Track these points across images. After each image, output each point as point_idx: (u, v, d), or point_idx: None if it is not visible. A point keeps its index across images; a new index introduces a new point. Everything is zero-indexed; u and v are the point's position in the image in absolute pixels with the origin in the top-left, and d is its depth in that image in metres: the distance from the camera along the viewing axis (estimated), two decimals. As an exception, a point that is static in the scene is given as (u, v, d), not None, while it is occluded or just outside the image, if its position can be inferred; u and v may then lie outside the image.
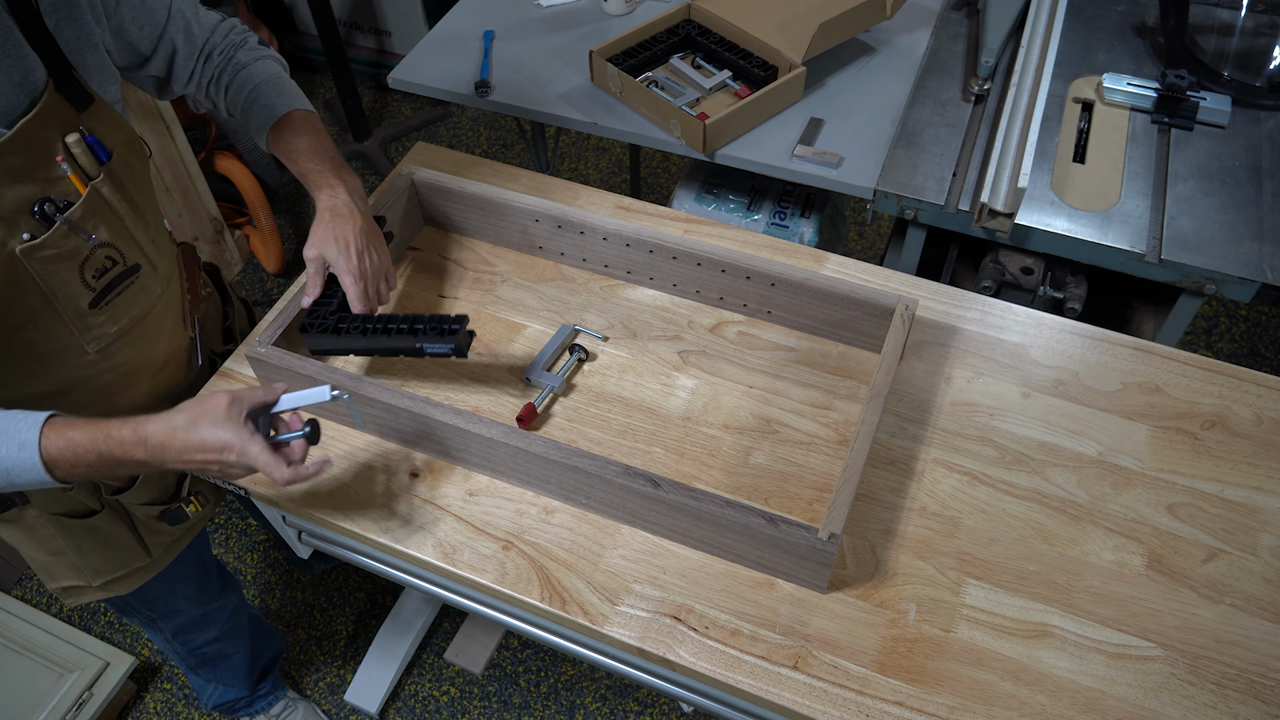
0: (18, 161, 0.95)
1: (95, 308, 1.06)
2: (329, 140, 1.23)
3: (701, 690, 1.09)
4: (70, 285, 1.03)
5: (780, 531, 0.98)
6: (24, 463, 0.93)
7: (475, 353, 1.28)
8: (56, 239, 0.99)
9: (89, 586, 1.31)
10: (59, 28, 0.98)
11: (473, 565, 1.07)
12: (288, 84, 1.24)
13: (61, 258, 1.00)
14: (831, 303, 1.22)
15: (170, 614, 1.49)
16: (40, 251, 0.98)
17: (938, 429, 1.18)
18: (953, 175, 1.57)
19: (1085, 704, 0.96)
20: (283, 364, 1.15)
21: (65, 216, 0.99)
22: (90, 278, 1.04)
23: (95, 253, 1.04)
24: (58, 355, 1.06)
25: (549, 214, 1.32)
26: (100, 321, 1.08)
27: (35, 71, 0.96)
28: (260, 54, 1.24)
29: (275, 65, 1.25)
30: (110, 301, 1.08)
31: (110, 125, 1.05)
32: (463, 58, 1.84)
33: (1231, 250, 1.43)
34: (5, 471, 0.93)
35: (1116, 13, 1.88)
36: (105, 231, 1.05)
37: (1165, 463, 1.15)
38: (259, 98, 1.21)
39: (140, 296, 1.12)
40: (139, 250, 1.10)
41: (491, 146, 3.12)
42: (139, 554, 1.31)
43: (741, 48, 1.74)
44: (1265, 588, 1.04)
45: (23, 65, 0.94)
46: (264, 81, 1.22)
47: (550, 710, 1.92)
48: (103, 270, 1.06)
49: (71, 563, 1.27)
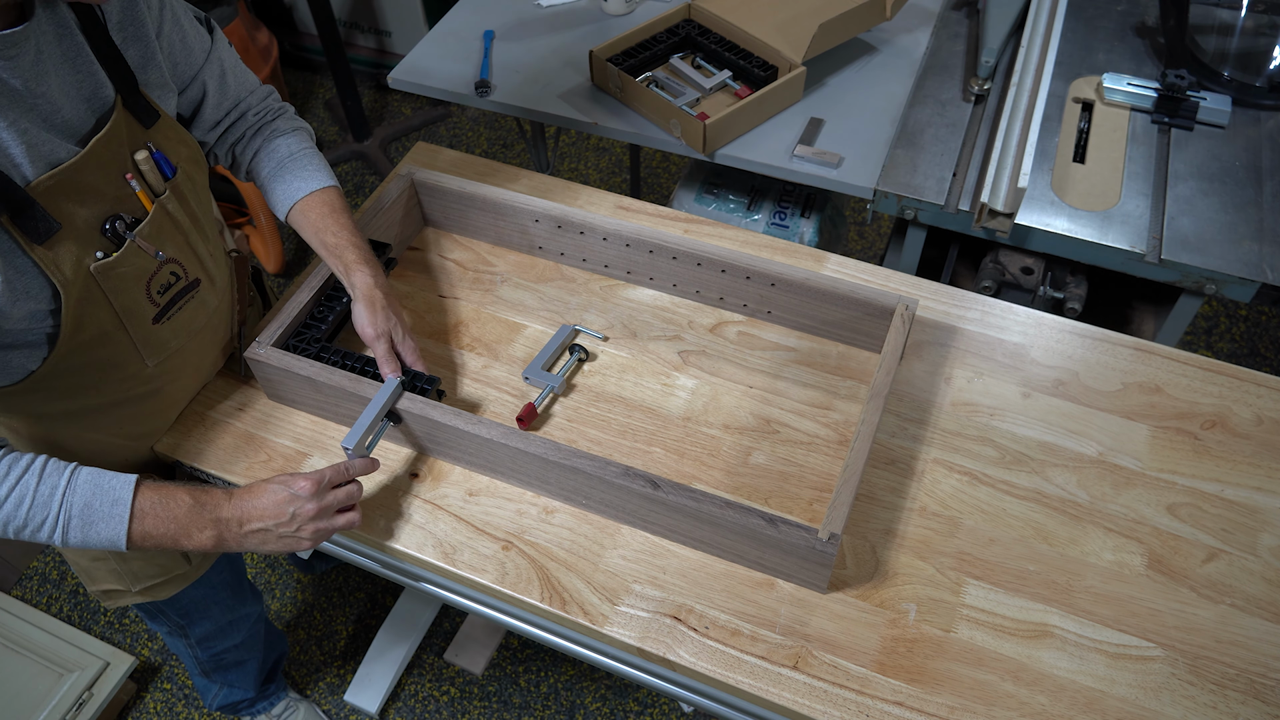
0: (90, 179, 0.96)
1: (158, 322, 1.08)
2: (353, 221, 1.23)
3: (701, 690, 1.09)
4: (138, 302, 1.04)
5: (780, 532, 0.98)
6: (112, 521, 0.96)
7: (475, 353, 1.28)
8: (128, 257, 1.00)
9: (128, 591, 1.32)
10: (125, 45, 0.99)
11: (473, 565, 1.07)
12: (318, 159, 1.24)
13: (132, 275, 1.02)
14: (831, 303, 1.22)
15: (200, 620, 1.50)
16: (114, 270, 0.99)
17: (938, 429, 1.18)
18: (953, 175, 1.57)
19: (1085, 704, 0.96)
20: (282, 364, 1.15)
21: (135, 234, 1.01)
22: (156, 294, 1.06)
23: (162, 269, 1.06)
24: (119, 369, 1.08)
25: (549, 214, 1.32)
26: (162, 336, 1.10)
27: (104, 88, 0.97)
28: (296, 125, 1.25)
29: (308, 138, 1.26)
30: (172, 316, 1.10)
31: (175, 141, 1.06)
32: (463, 58, 1.84)
33: (1231, 250, 1.43)
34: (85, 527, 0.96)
35: (1116, 13, 1.88)
36: (170, 248, 1.06)
37: (1165, 463, 1.15)
38: (291, 169, 1.21)
39: (199, 310, 1.14)
40: (199, 265, 1.12)
41: (491, 146, 3.12)
42: (179, 561, 1.32)
43: (741, 48, 1.74)
44: (1265, 588, 1.04)
45: (92, 82, 0.95)
46: (300, 153, 1.22)
47: (550, 710, 1.92)
48: (167, 286, 1.07)
49: (113, 568, 1.28)
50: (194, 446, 1.19)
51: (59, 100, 0.92)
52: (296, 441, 1.19)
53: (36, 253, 0.91)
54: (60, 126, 0.93)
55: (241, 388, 1.25)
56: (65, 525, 0.95)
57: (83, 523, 0.96)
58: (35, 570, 2.19)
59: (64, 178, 0.93)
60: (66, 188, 0.94)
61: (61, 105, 0.93)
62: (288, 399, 1.22)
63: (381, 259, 1.30)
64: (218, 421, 1.21)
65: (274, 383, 1.20)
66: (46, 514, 0.95)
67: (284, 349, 1.18)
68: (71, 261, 0.95)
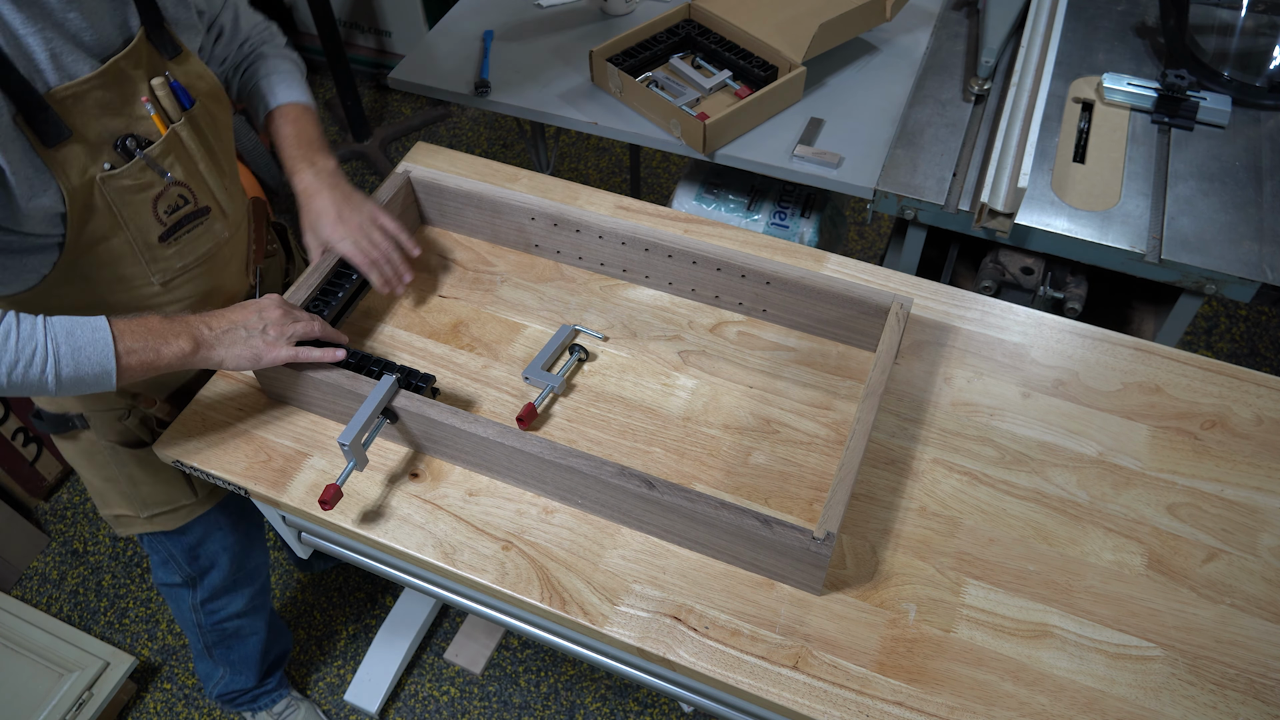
0: (106, 95, 1.04)
1: (164, 241, 1.15)
2: (313, 129, 1.29)
3: (701, 690, 1.09)
4: (143, 216, 1.11)
5: (775, 533, 0.98)
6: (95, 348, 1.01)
7: (475, 353, 1.28)
8: (134, 171, 1.08)
9: (137, 517, 1.39)
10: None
11: (473, 565, 1.07)
12: (295, 80, 1.33)
13: (137, 189, 1.09)
14: (827, 301, 1.22)
15: (209, 570, 1.54)
16: (118, 180, 1.07)
17: (937, 429, 1.18)
18: (953, 175, 1.57)
19: (1085, 704, 0.96)
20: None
21: (145, 152, 1.09)
22: (162, 213, 1.13)
23: (169, 190, 1.13)
24: (126, 282, 1.15)
25: (545, 212, 1.32)
26: (168, 255, 1.16)
27: (133, 18, 1.06)
28: (282, 53, 1.34)
29: (290, 64, 1.34)
30: (179, 238, 1.17)
31: (195, 75, 1.15)
32: (463, 58, 1.84)
33: (1231, 250, 1.43)
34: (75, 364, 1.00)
35: (1116, 13, 1.88)
36: (180, 171, 1.14)
37: (1165, 463, 1.15)
38: (265, 87, 1.31)
39: (206, 237, 1.21)
40: (210, 194, 1.19)
41: (491, 146, 3.12)
42: (186, 491, 1.38)
43: (741, 48, 1.74)
44: (1265, 588, 1.04)
45: (123, 10, 1.05)
46: (274, 73, 1.31)
47: (550, 710, 1.92)
48: (174, 207, 1.15)
49: (123, 491, 1.36)
50: (194, 446, 1.19)
51: (88, 20, 1.01)
52: (296, 441, 1.19)
53: (45, 155, 0.99)
54: (86, 45, 1.01)
55: (242, 387, 1.25)
56: (56, 354, 0.99)
57: (71, 349, 0.99)
58: (35, 570, 2.19)
59: (80, 89, 1.01)
60: (82, 100, 1.02)
61: (90, 25, 1.01)
62: (286, 397, 1.22)
63: None
64: (218, 421, 1.21)
65: (272, 380, 1.20)
66: (35, 344, 0.98)
67: None
68: (78, 168, 1.03)
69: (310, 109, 1.31)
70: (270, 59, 1.32)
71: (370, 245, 1.25)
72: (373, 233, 1.25)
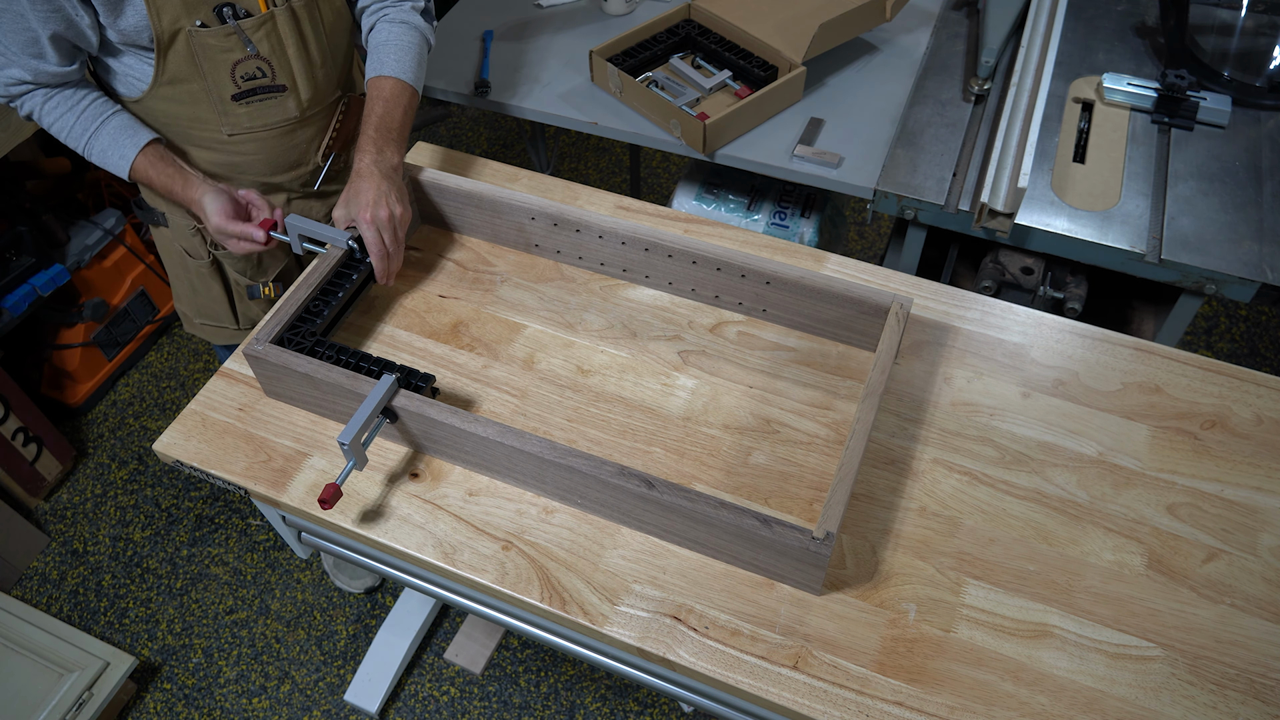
0: None
1: (237, 101, 1.32)
2: (400, 114, 1.35)
3: (701, 690, 1.09)
4: (220, 74, 1.28)
5: (774, 533, 0.98)
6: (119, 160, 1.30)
7: (475, 353, 1.28)
8: (220, 35, 1.24)
9: (194, 320, 1.64)
10: None
11: (473, 565, 1.07)
12: (410, 53, 1.39)
13: (220, 50, 1.26)
14: (827, 301, 1.22)
15: None
16: (202, 38, 1.24)
17: (937, 429, 1.18)
18: (953, 175, 1.57)
19: (1085, 704, 0.96)
20: (280, 361, 1.15)
21: (237, 23, 1.23)
22: (240, 78, 1.30)
23: (249, 60, 1.28)
24: (202, 123, 1.34)
25: (545, 211, 1.32)
26: (238, 113, 1.34)
27: None
28: (409, 19, 1.41)
29: (411, 33, 1.41)
30: (250, 103, 1.34)
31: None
32: (463, 58, 1.84)
33: (1231, 250, 1.43)
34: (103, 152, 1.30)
35: (1116, 13, 1.88)
36: (266, 48, 1.29)
37: (1165, 463, 1.15)
38: (374, 55, 1.39)
39: (276, 110, 1.37)
40: (290, 75, 1.34)
41: (491, 146, 3.12)
42: (228, 316, 1.61)
43: (741, 48, 1.74)
44: (1265, 588, 1.04)
45: None
46: (390, 40, 1.39)
47: (550, 710, 1.92)
48: (251, 76, 1.30)
49: (187, 292, 1.60)
50: (194, 446, 1.19)
51: None
52: (297, 441, 1.19)
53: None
54: None
55: (242, 387, 1.25)
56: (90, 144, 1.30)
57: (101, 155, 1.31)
58: (35, 570, 2.19)
59: None
60: None
61: None
62: (286, 396, 1.22)
63: None
64: (218, 422, 1.21)
65: (272, 379, 1.20)
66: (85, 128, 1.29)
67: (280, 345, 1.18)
68: (170, 17, 1.20)
69: (408, 87, 1.37)
70: (392, 24, 1.39)
71: (391, 241, 1.27)
72: (398, 232, 1.28)
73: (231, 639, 2.06)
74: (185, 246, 1.53)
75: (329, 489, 1.06)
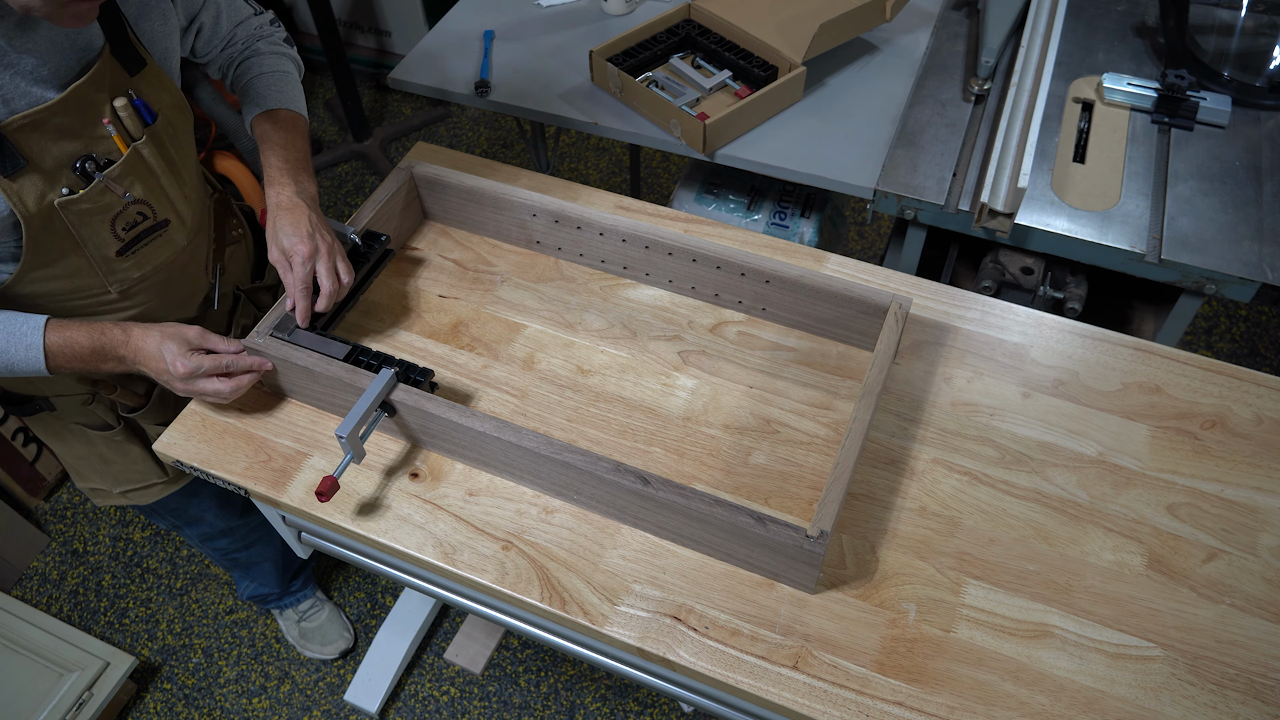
0: (65, 121, 1.02)
1: (121, 256, 1.15)
2: (303, 143, 1.25)
3: (701, 690, 1.09)
4: (100, 235, 1.11)
5: (769, 530, 0.98)
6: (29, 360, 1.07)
7: (475, 353, 1.28)
8: (93, 195, 1.07)
9: (110, 491, 1.42)
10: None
11: (473, 565, 1.07)
12: (290, 82, 1.29)
13: (95, 211, 1.09)
14: (826, 300, 1.22)
15: (195, 523, 1.56)
16: (76, 205, 1.06)
17: (937, 429, 1.18)
18: (953, 175, 1.57)
19: (1085, 704, 0.96)
20: (279, 354, 1.15)
21: (104, 175, 1.07)
22: (120, 230, 1.13)
23: (128, 209, 1.12)
24: (83, 291, 1.16)
25: (546, 208, 1.32)
26: (125, 267, 1.17)
27: (96, 37, 1.03)
28: (279, 50, 1.31)
29: (287, 63, 1.31)
30: (136, 251, 1.17)
31: (159, 88, 1.12)
32: (463, 58, 1.84)
33: (1231, 250, 1.43)
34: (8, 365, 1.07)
35: (1116, 13, 1.88)
36: (140, 189, 1.13)
37: (1165, 463, 1.15)
38: (257, 87, 1.28)
39: (165, 248, 1.21)
40: (170, 207, 1.19)
41: (491, 146, 3.12)
42: (156, 471, 1.41)
43: (741, 48, 1.74)
44: (1265, 588, 1.04)
45: (85, 34, 1.01)
46: (268, 73, 1.28)
47: (550, 710, 1.92)
48: (133, 224, 1.14)
49: (96, 468, 1.39)
50: (194, 446, 1.19)
51: (42, 58, 0.98)
52: (296, 441, 1.19)
53: (2, 184, 0.99)
54: (43, 79, 0.99)
55: (241, 387, 1.25)
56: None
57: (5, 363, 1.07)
58: (35, 570, 2.19)
59: (37, 118, 0.99)
60: (40, 127, 1.00)
61: (44, 63, 0.99)
62: (285, 389, 1.22)
63: (378, 250, 1.31)
64: (217, 421, 1.21)
65: (270, 374, 1.20)
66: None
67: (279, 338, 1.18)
68: (35, 195, 1.02)
69: (300, 116, 1.28)
70: (265, 56, 1.29)
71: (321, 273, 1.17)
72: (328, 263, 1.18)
73: (231, 639, 2.06)
74: (84, 423, 1.32)
75: (326, 481, 1.06)
